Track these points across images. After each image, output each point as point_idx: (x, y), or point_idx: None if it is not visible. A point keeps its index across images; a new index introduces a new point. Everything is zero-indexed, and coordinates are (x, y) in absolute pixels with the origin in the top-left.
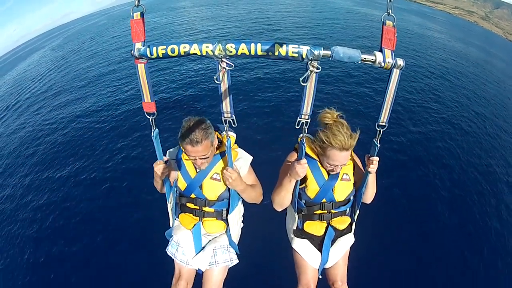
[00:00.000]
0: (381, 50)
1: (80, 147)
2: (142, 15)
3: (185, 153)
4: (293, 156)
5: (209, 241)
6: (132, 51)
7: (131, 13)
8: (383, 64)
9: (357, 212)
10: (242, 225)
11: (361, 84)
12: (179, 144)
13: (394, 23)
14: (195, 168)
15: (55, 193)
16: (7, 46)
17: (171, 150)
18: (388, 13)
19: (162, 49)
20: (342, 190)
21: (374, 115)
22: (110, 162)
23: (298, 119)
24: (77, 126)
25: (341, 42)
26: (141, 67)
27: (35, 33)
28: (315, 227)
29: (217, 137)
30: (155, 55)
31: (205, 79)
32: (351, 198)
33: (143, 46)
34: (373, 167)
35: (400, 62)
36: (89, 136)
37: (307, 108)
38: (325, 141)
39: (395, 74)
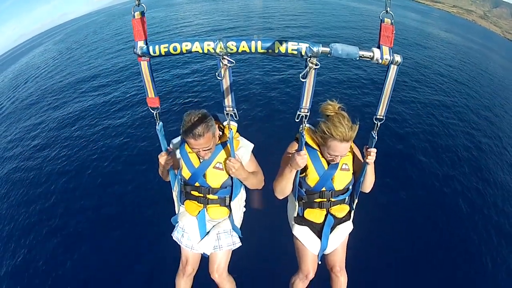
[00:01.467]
0: (379, 47)
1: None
2: (143, 14)
3: (189, 146)
4: (294, 146)
5: (213, 226)
6: (135, 49)
7: (132, 13)
8: (380, 60)
9: (356, 200)
10: (244, 209)
11: (360, 78)
12: (182, 137)
13: (392, 21)
14: (199, 158)
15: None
16: (8, 44)
17: (175, 140)
18: (387, 11)
19: (164, 47)
20: (341, 179)
21: (373, 109)
22: (115, 149)
23: (298, 113)
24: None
25: (338, 37)
26: (144, 65)
27: (34, 32)
28: (315, 215)
29: (219, 127)
30: (157, 53)
31: (208, 74)
32: (350, 187)
33: (145, 44)
34: (371, 158)
35: (398, 58)
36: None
37: (306, 102)
38: (327, 132)
39: (393, 70)
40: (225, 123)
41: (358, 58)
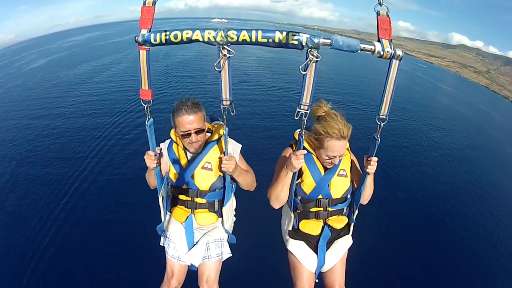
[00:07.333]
0: (379, 41)
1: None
2: (154, 3)
3: (179, 130)
4: (288, 151)
5: (202, 236)
6: (137, 37)
7: None
8: (382, 53)
9: (356, 212)
10: (234, 219)
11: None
12: (173, 121)
13: (388, 13)
14: (187, 158)
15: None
16: (41, 29)
17: (163, 143)
18: (380, 3)
19: (165, 35)
20: (339, 186)
21: (367, 117)
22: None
23: (298, 110)
24: None
25: None
26: (143, 54)
27: (66, 26)
28: (311, 226)
29: (208, 128)
30: (158, 41)
31: (204, 76)
32: (348, 196)
33: (148, 32)
34: (371, 168)
35: (399, 52)
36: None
37: (306, 98)
38: (322, 133)
39: (394, 65)
40: (213, 123)
41: (359, 51)
